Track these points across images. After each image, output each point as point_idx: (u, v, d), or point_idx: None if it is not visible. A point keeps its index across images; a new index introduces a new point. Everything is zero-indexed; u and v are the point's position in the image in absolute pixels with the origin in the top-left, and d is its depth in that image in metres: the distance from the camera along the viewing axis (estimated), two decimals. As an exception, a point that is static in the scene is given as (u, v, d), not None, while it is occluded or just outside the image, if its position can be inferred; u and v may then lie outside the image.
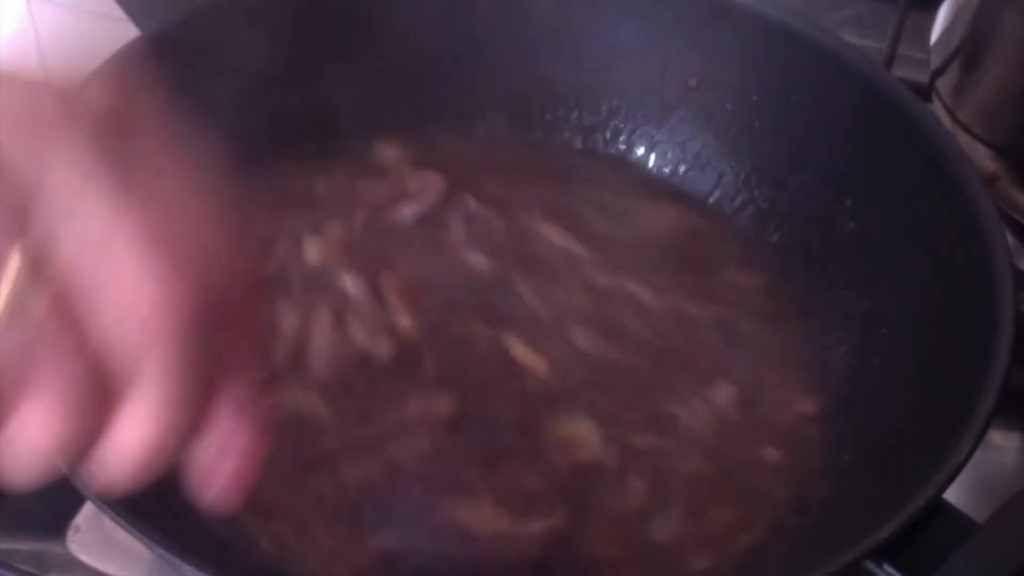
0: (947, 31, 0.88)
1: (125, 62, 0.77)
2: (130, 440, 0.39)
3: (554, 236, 0.83)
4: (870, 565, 0.59)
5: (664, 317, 0.80)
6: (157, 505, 0.66)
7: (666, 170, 0.90)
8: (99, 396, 0.38)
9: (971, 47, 0.85)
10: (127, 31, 0.82)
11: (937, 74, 0.88)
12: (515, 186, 0.87)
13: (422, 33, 0.88)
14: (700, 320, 0.80)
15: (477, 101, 0.91)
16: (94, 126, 0.39)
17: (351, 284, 0.78)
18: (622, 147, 0.92)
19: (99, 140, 0.38)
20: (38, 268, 0.37)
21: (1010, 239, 0.72)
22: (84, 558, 0.72)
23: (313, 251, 0.80)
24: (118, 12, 0.86)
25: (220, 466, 0.42)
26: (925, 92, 0.87)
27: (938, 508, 0.59)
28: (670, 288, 0.81)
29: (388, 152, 0.88)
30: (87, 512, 0.74)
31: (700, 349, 0.78)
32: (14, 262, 0.37)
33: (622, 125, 0.92)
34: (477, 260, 0.81)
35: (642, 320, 0.79)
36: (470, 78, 0.91)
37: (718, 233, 0.87)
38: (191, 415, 0.40)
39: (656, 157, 0.91)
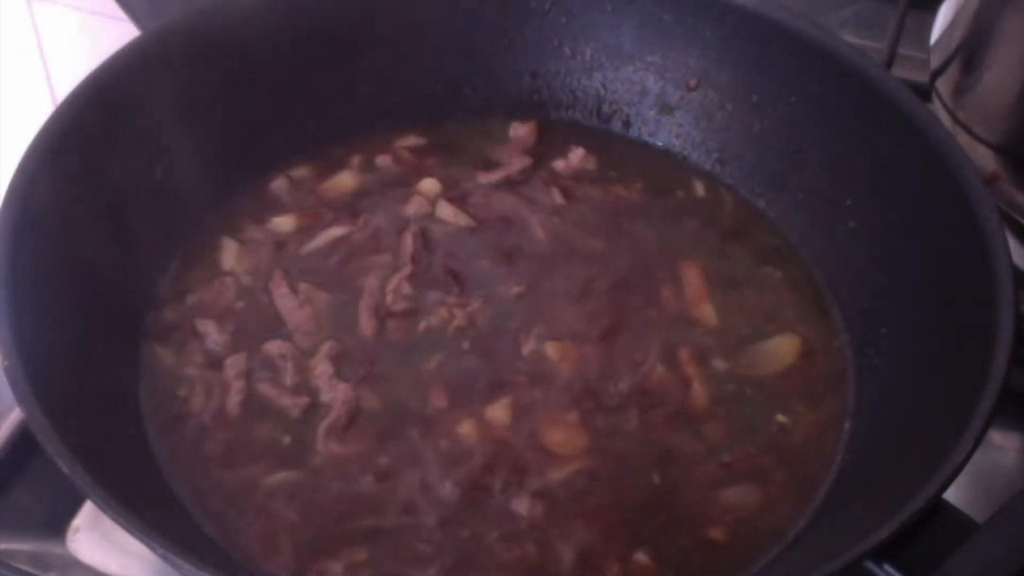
0: (947, 31, 0.88)
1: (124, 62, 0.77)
2: None
3: None
4: (870, 565, 0.59)
5: None
6: (157, 505, 0.67)
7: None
8: None
9: (971, 47, 0.85)
10: (127, 31, 0.82)
11: (937, 74, 0.88)
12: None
13: (426, 35, 0.89)
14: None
15: (475, 101, 0.92)
16: None
17: None
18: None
19: None
20: None
21: (1010, 239, 0.71)
22: (84, 558, 0.72)
23: None
24: (118, 12, 0.86)
25: None
26: (925, 92, 0.87)
27: (938, 508, 0.60)
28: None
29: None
30: (87, 512, 0.74)
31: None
32: None
33: (622, 125, 0.92)
34: None
35: None
36: (468, 77, 0.91)
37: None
38: None
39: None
